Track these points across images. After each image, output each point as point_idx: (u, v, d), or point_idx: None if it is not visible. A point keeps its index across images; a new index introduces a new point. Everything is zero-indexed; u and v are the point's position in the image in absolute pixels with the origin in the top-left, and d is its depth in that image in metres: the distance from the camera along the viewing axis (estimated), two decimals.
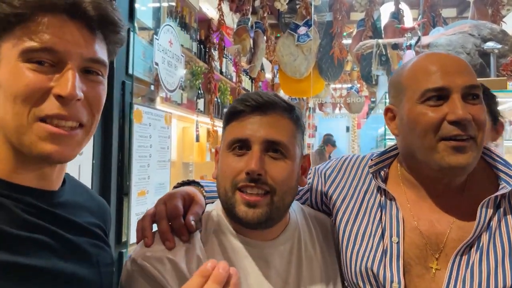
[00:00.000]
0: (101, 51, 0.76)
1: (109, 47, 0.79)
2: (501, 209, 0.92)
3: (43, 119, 0.70)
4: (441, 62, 0.92)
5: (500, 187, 0.93)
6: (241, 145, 0.91)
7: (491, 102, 1.58)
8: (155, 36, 2.70)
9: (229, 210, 0.92)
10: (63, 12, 0.71)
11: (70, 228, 0.79)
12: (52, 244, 0.73)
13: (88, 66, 0.74)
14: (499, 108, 3.41)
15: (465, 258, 0.89)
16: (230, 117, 0.96)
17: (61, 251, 0.74)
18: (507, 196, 0.94)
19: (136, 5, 2.53)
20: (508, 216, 0.92)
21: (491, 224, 0.91)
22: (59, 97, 0.70)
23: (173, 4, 3.45)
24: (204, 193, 1.06)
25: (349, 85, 6.60)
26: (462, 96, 0.89)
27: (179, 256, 0.88)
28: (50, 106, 0.70)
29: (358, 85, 6.23)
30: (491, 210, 0.91)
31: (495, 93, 2.29)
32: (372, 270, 0.95)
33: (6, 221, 0.67)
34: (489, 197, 0.91)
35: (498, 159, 0.97)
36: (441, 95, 0.90)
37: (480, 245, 0.90)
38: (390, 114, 1.03)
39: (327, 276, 1.01)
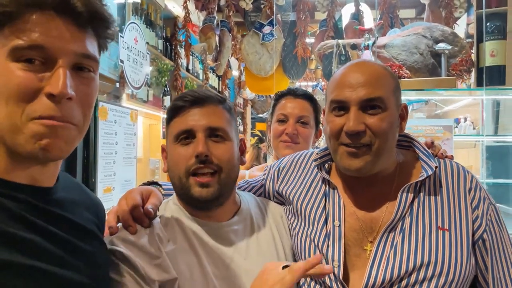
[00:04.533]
0: (91, 47, 0.75)
1: (99, 42, 0.79)
2: (421, 195, 1.04)
3: (37, 119, 0.69)
4: (349, 76, 1.03)
5: (420, 175, 1.04)
6: (186, 136, 1.03)
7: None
8: (120, 34, 2.71)
9: (184, 194, 1.03)
10: (51, 9, 0.70)
11: (67, 227, 0.78)
12: (46, 244, 0.71)
13: (79, 62, 0.73)
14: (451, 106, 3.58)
15: (390, 239, 1.01)
16: (173, 114, 1.07)
17: (56, 251, 0.72)
18: (426, 183, 1.05)
19: None
20: (426, 201, 1.03)
21: (413, 208, 1.03)
22: (50, 96, 0.68)
23: (138, 1, 3.45)
24: (163, 191, 1.16)
25: (314, 83, 6.76)
26: (361, 107, 1.01)
27: (141, 237, 0.97)
28: (43, 106, 0.69)
29: (323, 83, 6.37)
30: (411, 195, 1.03)
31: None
32: (320, 249, 1.05)
33: (1, 219, 0.66)
34: (409, 183, 1.03)
35: (423, 151, 1.09)
36: (342, 107, 1.03)
37: (403, 227, 1.01)
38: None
39: (278, 252, 1.10)
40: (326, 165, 1.17)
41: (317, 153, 1.16)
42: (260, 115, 7.51)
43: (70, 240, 0.77)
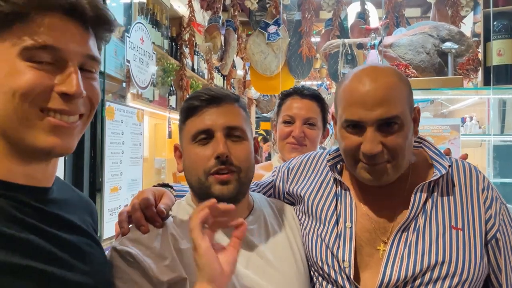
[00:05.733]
0: (94, 48, 0.78)
1: (98, 43, 0.82)
2: (435, 194, 1.04)
3: (46, 112, 0.72)
4: (362, 92, 0.98)
5: (433, 174, 1.04)
6: (204, 136, 1.01)
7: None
8: (126, 34, 2.72)
9: (204, 193, 1.01)
10: (61, 11, 0.72)
11: (65, 227, 0.78)
12: (46, 245, 0.72)
13: (84, 63, 0.76)
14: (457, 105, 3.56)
15: (404, 238, 1.01)
16: (188, 113, 1.05)
17: (56, 252, 0.73)
18: (440, 183, 1.05)
19: (107, 1, 2.55)
20: (439, 201, 1.04)
21: (426, 207, 1.03)
22: (64, 95, 0.72)
23: (144, 1, 3.46)
24: (174, 193, 1.16)
25: (319, 82, 6.75)
26: (377, 127, 0.98)
27: (152, 237, 0.97)
28: (54, 102, 0.72)
29: (328, 82, 6.35)
30: (425, 195, 1.03)
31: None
32: (330, 249, 1.06)
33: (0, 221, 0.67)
34: (423, 183, 1.03)
35: (435, 151, 1.09)
36: (357, 125, 0.99)
37: (417, 226, 1.01)
38: (334, 119, 1.13)
39: (294, 254, 1.10)
40: (338, 166, 1.17)
41: (329, 154, 1.16)
42: (265, 114, 7.51)
43: (69, 241, 0.78)
